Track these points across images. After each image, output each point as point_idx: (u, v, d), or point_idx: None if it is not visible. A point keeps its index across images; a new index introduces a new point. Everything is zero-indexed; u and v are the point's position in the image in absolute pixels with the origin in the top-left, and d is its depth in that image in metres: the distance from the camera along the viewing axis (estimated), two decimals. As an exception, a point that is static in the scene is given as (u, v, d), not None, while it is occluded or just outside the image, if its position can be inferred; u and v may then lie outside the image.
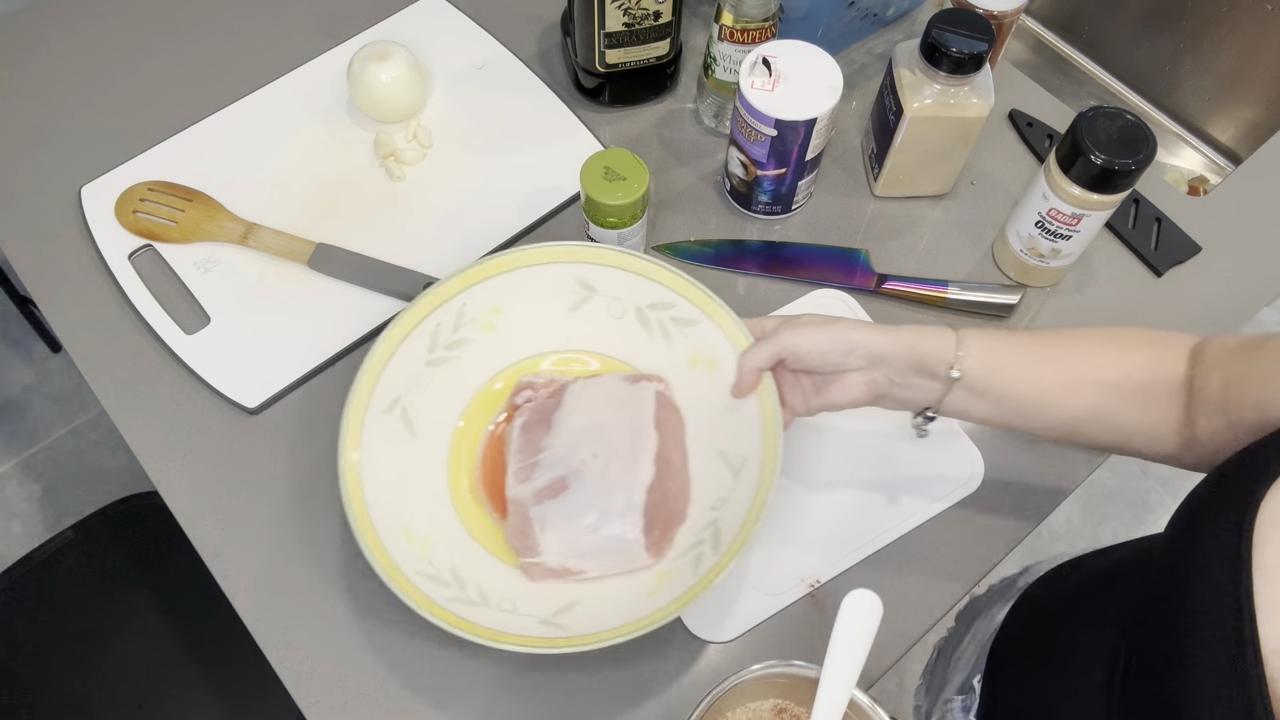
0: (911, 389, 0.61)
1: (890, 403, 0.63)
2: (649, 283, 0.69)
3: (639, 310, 0.71)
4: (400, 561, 0.61)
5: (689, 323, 0.69)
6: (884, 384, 0.61)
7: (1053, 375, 0.59)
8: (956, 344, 0.59)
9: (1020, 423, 0.60)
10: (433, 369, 0.68)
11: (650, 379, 0.69)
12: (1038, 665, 0.63)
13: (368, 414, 0.65)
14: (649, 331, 0.71)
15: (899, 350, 0.60)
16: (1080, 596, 0.64)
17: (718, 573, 0.59)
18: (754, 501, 0.61)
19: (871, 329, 0.60)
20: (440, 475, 0.68)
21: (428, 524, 0.65)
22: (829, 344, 0.60)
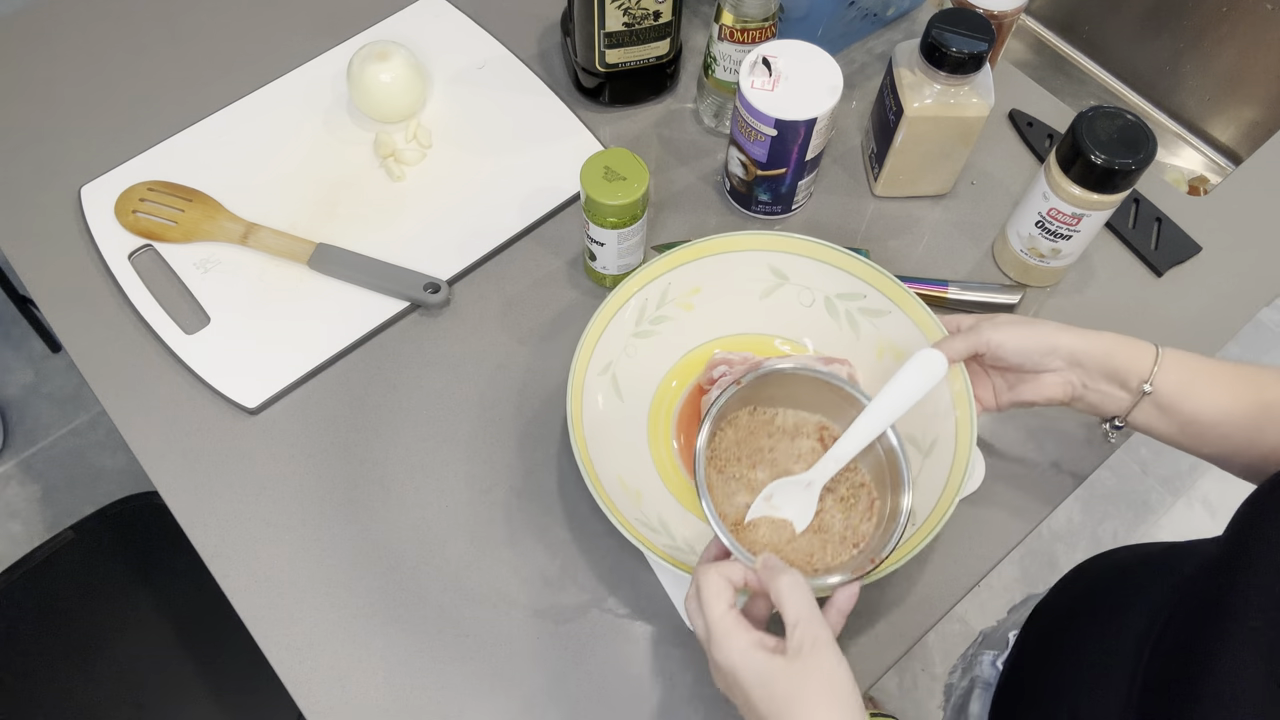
0: (1102, 396, 0.61)
1: (1082, 405, 0.63)
2: (840, 273, 0.72)
3: (828, 299, 0.73)
4: (621, 506, 0.64)
5: (879, 313, 0.72)
6: (1078, 386, 0.62)
7: (1246, 407, 0.58)
8: (1155, 359, 0.59)
9: (1205, 450, 0.60)
10: (639, 340, 0.73)
11: (841, 361, 0.72)
12: (1070, 628, 0.64)
13: (589, 371, 0.69)
14: (836, 321, 0.74)
15: (1097, 355, 0.60)
16: (1131, 568, 0.64)
17: (919, 543, 0.62)
18: (946, 485, 0.64)
19: (1073, 332, 0.60)
20: (642, 437, 0.72)
21: (636, 479, 0.69)
22: (1032, 343, 0.61)
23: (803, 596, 0.49)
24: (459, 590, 0.69)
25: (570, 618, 0.68)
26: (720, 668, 0.49)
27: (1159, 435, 0.62)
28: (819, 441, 0.65)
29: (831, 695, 0.46)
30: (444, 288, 0.78)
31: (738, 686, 0.48)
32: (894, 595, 0.69)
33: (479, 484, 0.73)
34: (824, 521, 0.62)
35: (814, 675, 0.46)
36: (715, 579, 0.51)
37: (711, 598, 0.50)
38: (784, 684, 0.46)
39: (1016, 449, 0.75)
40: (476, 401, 0.76)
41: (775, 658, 0.47)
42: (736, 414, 0.65)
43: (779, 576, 0.50)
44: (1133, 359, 0.60)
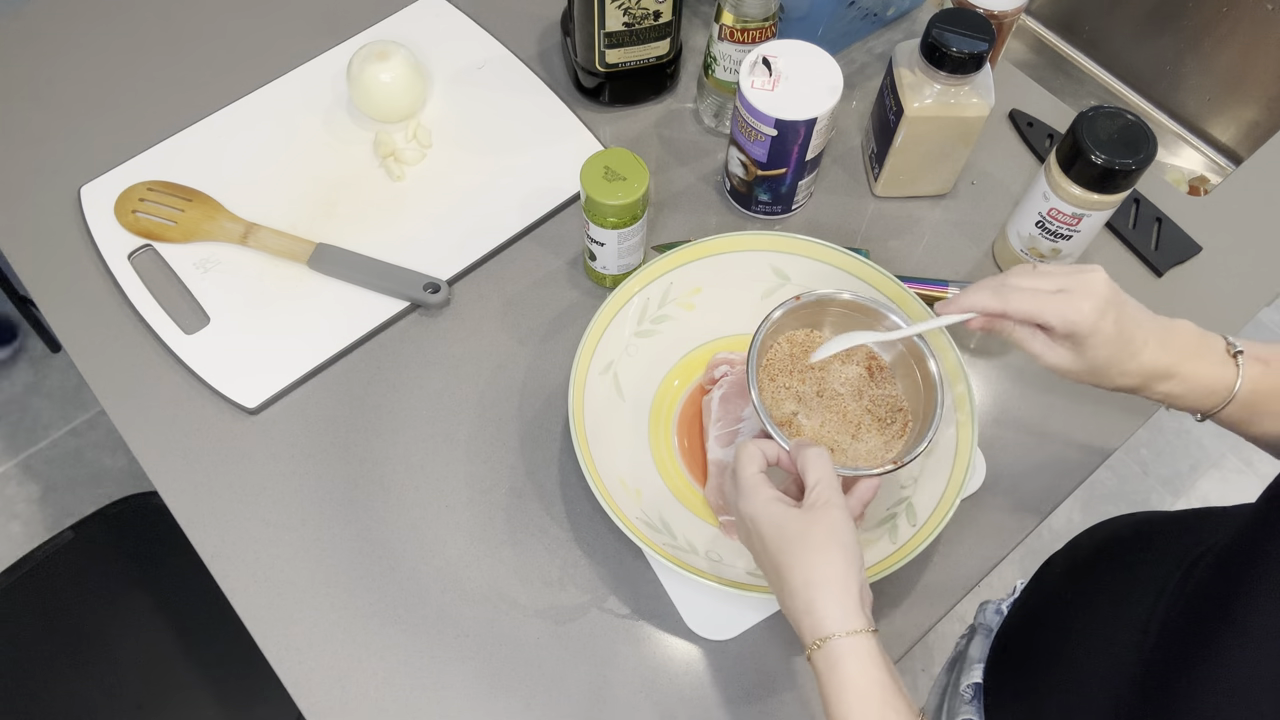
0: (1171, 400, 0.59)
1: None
2: (841, 273, 0.72)
3: None
4: (622, 505, 0.65)
5: None
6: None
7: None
8: (1228, 396, 0.56)
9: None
10: (640, 340, 0.74)
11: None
12: (1089, 574, 0.63)
13: (590, 370, 0.70)
14: None
15: (1154, 396, 0.58)
16: (1155, 527, 0.63)
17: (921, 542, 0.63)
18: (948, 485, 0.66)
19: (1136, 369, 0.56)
20: (643, 436, 0.73)
21: (636, 479, 0.69)
22: (1103, 376, 0.57)
23: (824, 465, 0.55)
24: (459, 590, 0.69)
25: (570, 618, 0.68)
26: (743, 517, 0.56)
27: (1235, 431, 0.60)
28: (866, 370, 0.68)
29: (834, 540, 0.52)
30: (444, 288, 0.78)
31: (756, 533, 0.55)
32: (894, 595, 0.69)
33: (479, 484, 0.73)
34: (860, 436, 0.67)
35: (821, 523, 0.53)
36: (752, 448, 0.57)
37: (746, 461, 0.57)
38: (794, 527, 0.53)
39: (1016, 449, 0.75)
40: (476, 401, 0.76)
41: (791, 508, 0.54)
42: (793, 331, 0.68)
43: (807, 449, 0.56)
44: (1211, 391, 0.57)
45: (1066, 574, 0.67)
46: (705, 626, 0.67)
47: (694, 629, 0.67)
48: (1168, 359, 0.56)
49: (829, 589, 0.51)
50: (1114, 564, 0.63)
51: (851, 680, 0.49)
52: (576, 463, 0.67)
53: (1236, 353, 0.56)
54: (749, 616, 0.68)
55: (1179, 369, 0.56)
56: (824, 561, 0.52)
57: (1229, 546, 0.49)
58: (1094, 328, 0.55)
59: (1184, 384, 0.56)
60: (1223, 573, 0.48)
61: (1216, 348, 0.57)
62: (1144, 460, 1.65)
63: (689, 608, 0.68)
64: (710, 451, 0.70)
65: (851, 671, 0.49)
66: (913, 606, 0.69)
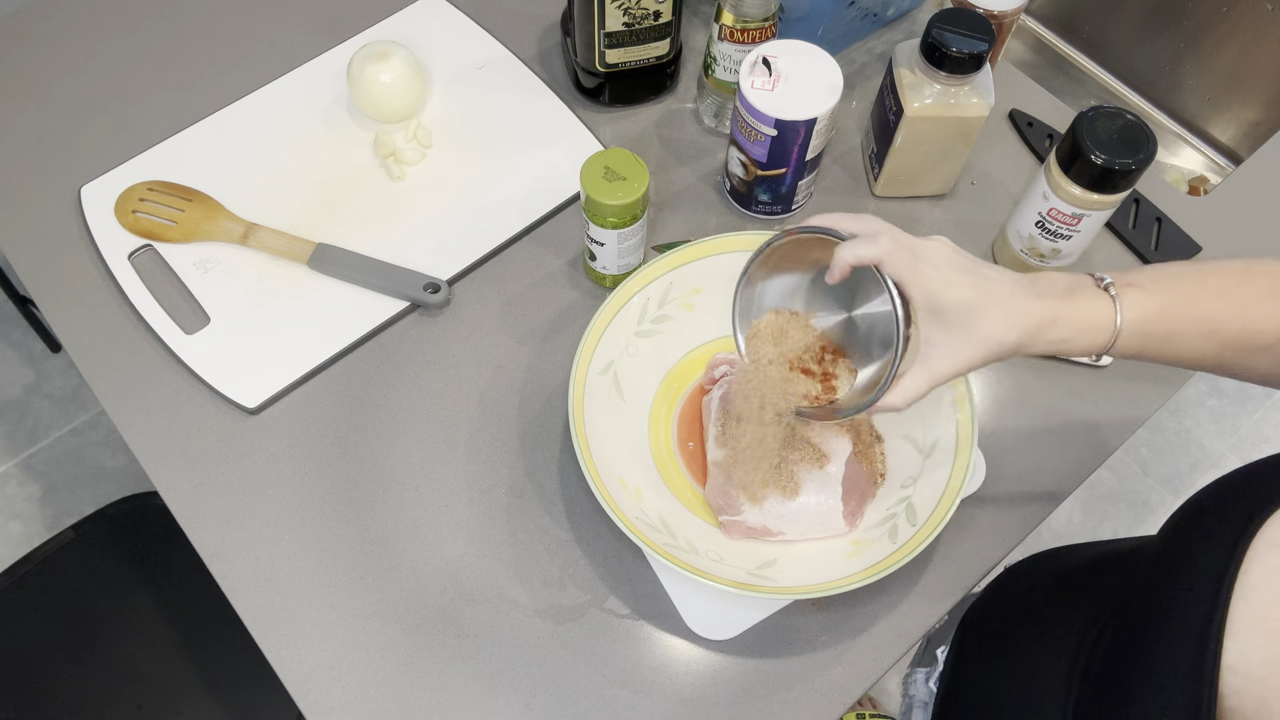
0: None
1: None
2: None
3: None
4: (622, 505, 0.65)
5: None
6: None
7: (1212, 350, 0.56)
8: (1114, 329, 0.55)
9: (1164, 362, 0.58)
10: (640, 340, 0.73)
11: None
12: (1006, 639, 0.64)
13: (590, 370, 0.69)
14: None
15: (1044, 347, 0.56)
16: (1063, 578, 0.64)
17: (920, 542, 0.63)
18: (948, 485, 0.65)
19: (1017, 311, 0.54)
20: (643, 436, 0.73)
21: (636, 478, 0.69)
22: (966, 362, 0.56)
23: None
24: (459, 590, 0.69)
25: (570, 618, 0.68)
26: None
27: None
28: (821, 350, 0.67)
29: None
30: (444, 288, 0.78)
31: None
32: (894, 595, 0.69)
33: (479, 484, 0.73)
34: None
35: None
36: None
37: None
38: None
39: (1016, 449, 0.75)
40: (476, 401, 0.76)
41: None
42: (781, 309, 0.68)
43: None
44: (1092, 340, 0.56)
45: (984, 645, 0.68)
46: (705, 626, 0.67)
47: (694, 629, 0.67)
48: (1042, 304, 0.55)
49: None
50: (1029, 625, 0.63)
51: None
52: (576, 463, 0.67)
53: (1107, 284, 0.56)
54: (749, 616, 0.68)
55: (1058, 312, 0.55)
56: None
57: (1121, 628, 0.50)
58: (945, 284, 0.54)
59: (1067, 326, 0.55)
60: (1117, 661, 0.49)
61: (1087, 284, 0.56)
62: (1144, 460, 1.65)
63: (689, 608, 0.68)
64: (710, 451, 0.70)
65: None
66: (913, 607, 0.69)
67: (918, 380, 0.56)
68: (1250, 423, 1.70)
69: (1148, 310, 0.55)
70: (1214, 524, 0.45)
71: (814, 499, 0.67)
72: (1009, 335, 0.54)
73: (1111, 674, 0.50)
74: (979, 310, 0.54)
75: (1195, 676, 0.41)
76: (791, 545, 0.68)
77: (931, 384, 0.56)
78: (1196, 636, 0.42)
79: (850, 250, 0.56)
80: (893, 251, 0.55)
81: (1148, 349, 0.56)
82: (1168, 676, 0.43)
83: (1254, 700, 0.40)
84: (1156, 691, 0.43)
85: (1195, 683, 0.41)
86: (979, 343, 0.54)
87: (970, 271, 0.55)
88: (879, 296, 0.59)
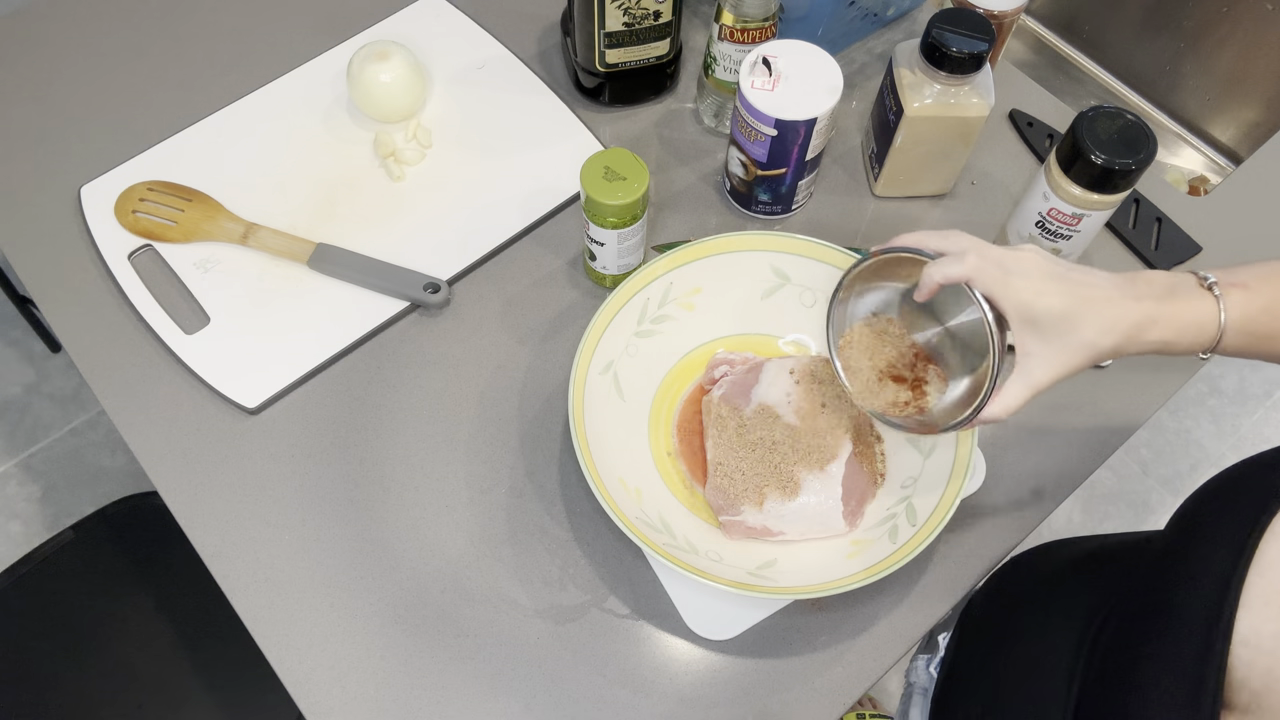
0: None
1: None
2: (840, 273, 0.71)
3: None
4: (622, 505, 0.64)
5: None
6: None
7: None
8: (1218, 329, 0.55)
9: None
10: (640, 340, 0.73)
11: None
12: (1012, 621, 0.64)
13: (590, 370, 0.69)
14: None
15: (1145, 348, 0.56)
16: (1073, 564, 0.64)
17: (920, 543, 0.62)
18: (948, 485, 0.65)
19: (1114, 315, 0.54)
20: (642, 436, 0.73)
21: (636, 478, 0.69)
22: (1064, 369, 0.56)
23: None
24: (459, 590, 0.69)
25: (570, 618, 0.68)
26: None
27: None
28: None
29: None
30: (444, 288, 0.78)
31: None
32: (894, 595, 0.69)
33: (479, 484, 0.73)
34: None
35: None
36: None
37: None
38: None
39: (1016, 449, 0.75)
40: (476, 401, 0.76)
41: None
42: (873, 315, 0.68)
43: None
44: (1194, 341, 0.55)
45: (987, 630, 0.68)
46: (705, 626, 0.67)
47: (694, 629, 0.67)
48: (1140, 306, 0.54)
49: None
50: (1035, 610, 0.63)
51: None
52: (576, 463, 0.67)
53: (1210, 284, 0.55)
54: (749, 616, 0.68)
55: (1158, 312, 0.54)
56: None
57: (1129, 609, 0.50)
58: (1037, 294, 0.54)
59: (1170, 327, 0.55)
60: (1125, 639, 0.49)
61: (1189, 284, 0.56)
62: (1144, 460, 1.65)
63: (689, 608, 0.68)
64: (710, 451, 0.70)
65: None
66: (913, 607, 0.69)
67: (1017, 391, 0.56)
68: (1250, 423, 1.70)
69: (1251, 309, 0.55)
70: (1233, 502, 0.45)
71: (814, 499, 0.67)
72: (1106, 340, 0.54)
73: (1122, 644, 0.50)
74: (1074, 316, 0.54)
75: (1206, 646, 0.42)
76: (791, 545, 0.68)
77: (1032, 393, 0.56)
78: (1210, 608, 0.42)
79: (938, 269, 0.56)
80: (980, 268, 0.55)
81: (1253, 348, 0.56)
82: (1178, 645, 0.43)
83: (1262, 672, 0.41)
84: (1166, 659, 0.44)
85: (1205, 651, 0.42)
86: (1076, 349, 0.54)
87: (1062, 278, 0.55)
88: (970, 308, 0.59)
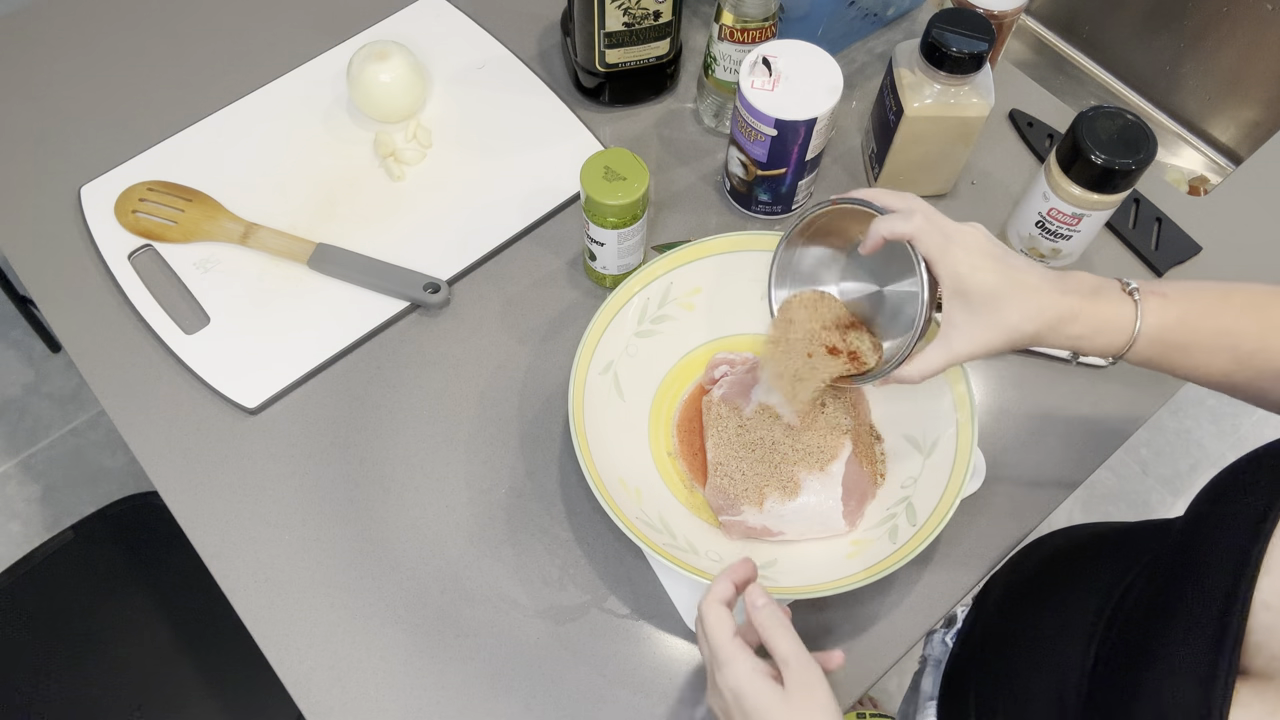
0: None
1: None
2: None
3: None
4: (622, 505, 0.64)
5: None
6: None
7: (1227, 367, 0.57)
8: (1133, 332, 0.56)
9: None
10: (639, 340, 0.73)
11: None
12: (1033, 594, 0.64)
13: (590, 370, 0.69)
14: None
15: (1062, 342, 0.57)
16: (1091, 543, 0.65)
17: (920, 543, 0.63)
18: (948, 485, 0.65)
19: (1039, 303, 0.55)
20: (642, 436, 0.73)
21: (636, 478, 0.69)
22: (983, 345, 0.57)
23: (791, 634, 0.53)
24: (459, 590, 0.69)
25: (570, 618, 0.68)
26: (722, 690, 0.52)
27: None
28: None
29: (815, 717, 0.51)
30: (444, 288, 0.78)
31: (740, 710, 0.51)
32: (894, 595, 0.69)
33: (479, 484, 0.73)
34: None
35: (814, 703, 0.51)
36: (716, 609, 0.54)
37: (717, 625, 0.53)
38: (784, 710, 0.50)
39: (1016, 449, 0.75)
40: (476, 401, 0.76)
41: (777, 687, 0.51)
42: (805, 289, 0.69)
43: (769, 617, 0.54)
44: (1110, 341, 0.56)
45: (1006, 601, 0.68)
46: (705, 626, 0.67)
47: (694, 629, 0.67)
48: (1065, 299, 0.56)
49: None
50: (1055, 583, 0.63)
51: None
52: (576, 463, 0.67)
53: (1132, 289, 0.57)
54: (749, 616, 0.68)
55: (1079, 309, 0.56)
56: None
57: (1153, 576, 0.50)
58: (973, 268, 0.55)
59: (1088, 324, 0.56)
60: (1147, 604, 0.50)
61: (1113, 287, 0.57)
62: (1144, 460, 1.65)
63: (689, 608, 0.68)
64: (710, 451, 0.70)
65: None
66: (913, 607, 0.69)
67: (935, 356, 0.58)
68: (1250, 423, 1.70)
69: (1167, 318, 0.56)
70: (1255, 478, 0.47)
71: (814, 499, 0.67)
72: (1028, 325, 0.55)
73: (1141, 613, 0.50)
74: (1002, 297, 0.55)
75: (1225, 609, 0.42)
76: (791, 545, 0.68)
77: (948, 361, 0.57)
78: (1231, 572, 0.43)
79: (885, 224, 0.57)
80: (926, 230, 0.56)
81: (1164, 357, 0.57)
82: (1198, 609, 0.44)
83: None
84: (1184, 624, 0.44)
85: (1225, 613, 0.42)
86: (998, 328, 0.56)
87: (999, 259, 0.56)
88: (910, 276, 0.60)
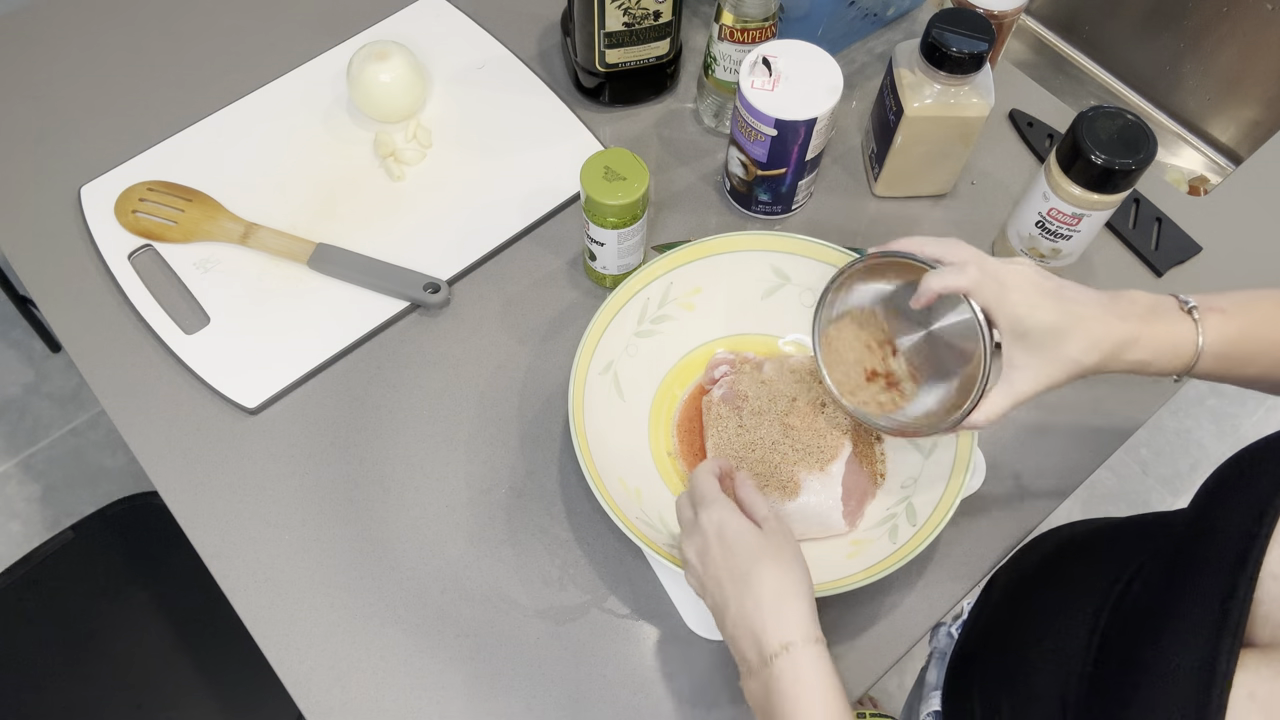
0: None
1: None
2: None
3: None
4: (622, 505, 0.64)
5: None
6: None
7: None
8: (1195, 352, 0.56)
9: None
10: (639, 340, 0.73)
11: None
12: (1034, 583, 0.65)
13: (590, 370, 0.69)
14: None
15: (1124, 367, 0.57)
16: (1097, 534, 0.65)
17: (920, 543, 0.63)
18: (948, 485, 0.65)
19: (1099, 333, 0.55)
20: (642, 436, 0.73)
21: (636, 478, 0.69)
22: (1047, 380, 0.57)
23: (766, 502, 0.60)
24: (459, 590, 0.69)
25: (570, 618, 0.68)
26: (704, 526, 0.57)
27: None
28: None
29: (798, 557, 0.56)
30: (444, 288, 0.78)
31: (722, 541, 0.56)
32: (894, 595, 0.69)
33: (479, 484, 0.73)
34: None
35: (787, 541, 0.57)
36: (705, 473, 0.61)
37: (705, 475, 0.60)
38: (761, 541, 0.56)
39: (1016, 449, 0.75)
40: (476, 402, 0.76)
41: (755, 527, 0.57)
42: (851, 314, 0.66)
43: (750, 488, 0.61)
44: (1170, 361, 0.56)
45: (1010, 593, 0.68)
46: (705, 626, 0.67)
47: (694, 629, 0.67)
48: (1124, 326, 0.55)
49: (800, 599, 0.54)
50: (1062, 571, 0.63)
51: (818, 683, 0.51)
52: (576, 463, 0.67)
53: (1190, 308, 0.57)
54: (749, 616, 0.68)
55: (1139, 333, 0.55)
56: (794, 573, 0.55)
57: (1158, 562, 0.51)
58: (1031, 308, 0.55)
59: (1148, 347, 0.56)
60: (1144, 604, 0.50)
61: (1170, 306, 0.57)
62: (1144, 460, 1.65)
63: (689, 608, 0.68)
64: (710, 451, 0.70)
65: (820, 673, 0.51)
66: (913, 607, 0.69)
67: (1000, 400, 0.57)
68: (1250, 423, 1.70)
69: (1228, 332, 0.56)
70: (1261, 464, 0.46)
71: (814, 499, 0.67)
72: (1090, 357, 0.55)
73: (1147, 596, 0.51)
74: (1062, 333, 0.55)
75: (1235, 571, 0.42)
76: None
77: (1014, 404, 0.57)
78: (1239, 546, 0.43)
79: (939, 280, 0.57)
80: (981, 281, 0.56)
81: (1226, 371, 0.57)
82: (1208, 575, 0.44)
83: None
84: (1194, 587, 0.44)
85: (1234, 578, 0.42)
86: (1060, 363, 0.56)
87: (1053, 295, 0.56)
88: (951, 314, 0.59)
